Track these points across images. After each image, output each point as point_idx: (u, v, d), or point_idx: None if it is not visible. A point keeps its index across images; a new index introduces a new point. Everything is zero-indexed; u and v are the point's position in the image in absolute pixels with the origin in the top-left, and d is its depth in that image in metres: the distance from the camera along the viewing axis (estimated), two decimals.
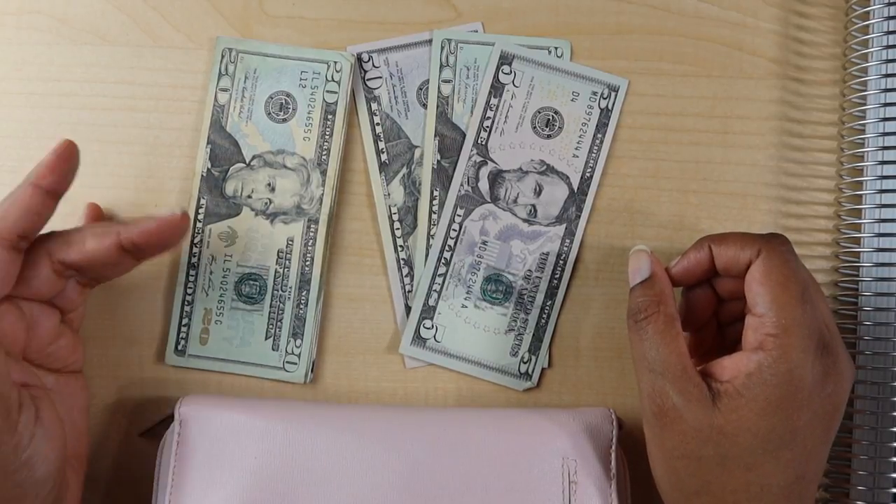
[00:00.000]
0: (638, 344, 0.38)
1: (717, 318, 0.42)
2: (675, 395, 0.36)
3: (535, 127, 0.46)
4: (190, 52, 0.46)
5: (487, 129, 0.46)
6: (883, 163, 0.44)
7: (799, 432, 0.35)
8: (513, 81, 0.46)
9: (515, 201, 0.45)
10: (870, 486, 0.42)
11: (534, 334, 0.45)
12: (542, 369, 0.45)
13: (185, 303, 0.45)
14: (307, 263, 0.45)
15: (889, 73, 0.43)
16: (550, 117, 0.46)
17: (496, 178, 0.46)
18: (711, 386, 0.36)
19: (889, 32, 0.44)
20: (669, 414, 0.36)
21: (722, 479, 0.36)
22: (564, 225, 0.45)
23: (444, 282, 0.45)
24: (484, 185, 0.45)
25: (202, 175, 0.45)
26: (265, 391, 0.45)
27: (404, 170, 0.46)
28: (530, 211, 0.45)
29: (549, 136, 0.46)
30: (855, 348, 0.43)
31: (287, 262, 0.45)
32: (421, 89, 0.46)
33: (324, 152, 0.45)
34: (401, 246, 0.45)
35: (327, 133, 0.45)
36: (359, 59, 0.46)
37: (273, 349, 0.45)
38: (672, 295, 0.39)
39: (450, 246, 0.45)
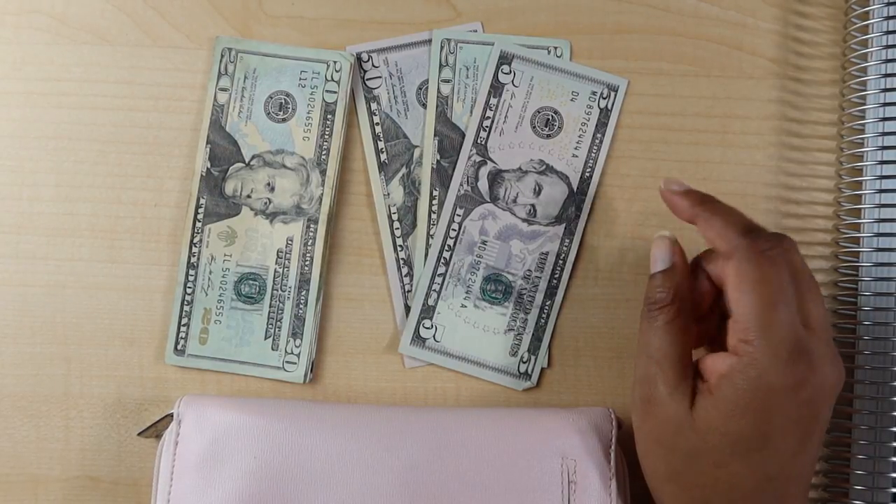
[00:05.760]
0: (646, 330, 0.38)
1: (719, 309, 0.42)
2: (661, 384, 0.37)
3: (534, 127, 0.46)
4: (189, 51, 0.46)
5: (487, 129, 0.46)
6: (882, 163, 0.44)
7: (771, 437, 0.35)
8: (512, 81, 0.46)
9: (515, 201, 0.45)
10: (869, 486, 0.42)
11: (533, 334, 0.45)
12: (542, 369, 0.45)
13: (185, 302, 0.45)
14: (307, 263, 0.45)
15: (888, 73, 0.43)
16: (550, 117, 0.46)
17: (496, 177, 0.46)
18: (698, 383, 0.37)
19: (888, 32, 0.44)
20: (652, 401, 0.37)
21: (691, 471, 0.37)
22: (564, 225, 0.45)
23: (443, 281, 0.45)
24: (483, 185, 0.45)
25: (202, 175, 0.45)
26: (264, 391, 0.45)
27: (404, 169, 0.46)
28: (530, 211, 0.45)
29: (548, 136, 0.46)
30: (854, 348, 0.43)
31: (286, 261, 0.45)
32: (420, 89, 0.46)
33: (323, 152, 0.45)
34: (400, 246, 0.45)
35: (327, 133, 0.45)
36: (358, 58, 0.46)
37: (272, 349, 0.45)
38: (689, 287, 0.39)
39: (449, 246, 0.45)
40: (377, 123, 0.46)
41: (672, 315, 0.38)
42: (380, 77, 0.46)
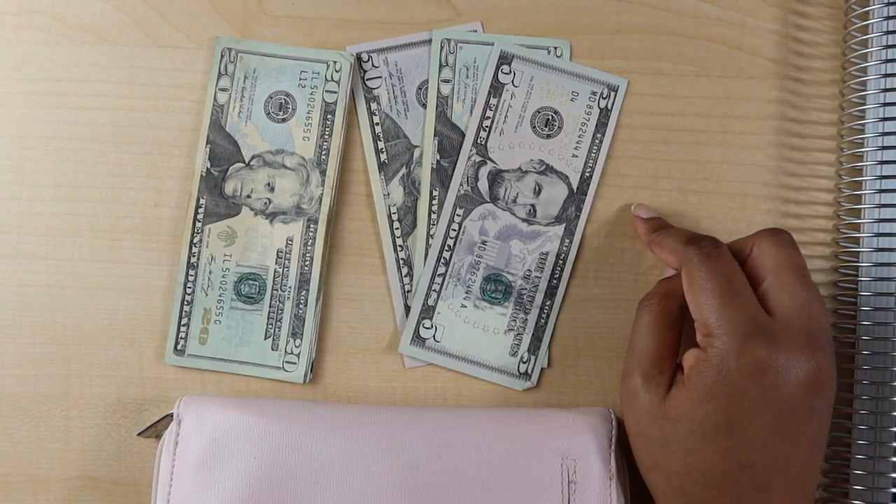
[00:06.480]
0: (634, 326, 0.41)
1: None
2: (637, 376, 0.39)
3: (534, 127, 0.46)
4: (189, 51, 0.46)
5: (487, 129, 0.46)
6: (882, 163, 0.44)
7: (737, 422, 0.37)
8: (512, 81, 0.46)
9: (515, 201, 0.45)
10: (869, 486, 0.42)
11: (533, 334, 0.45)
12: (542, 369, 0.45)
13: (185, 302, 0.45)
14: (306, 263, 0.45)
15: (888, 73, 0.43)
16: (550, 117, 0.46)
17: (496, 177, 0.46)
18: (678, 377, 0.39)
19: (888, 32, 0.44)
20: (630, 393, 0.40)
21: (667, 460, 0.38)
22: (564, 225, 0.45)
23: (443, 282, 0.45)
24: (483, 185, 0.45)
25: (201, 175, 0.45)
26: (264, 391, 0.45)
27: (404, 169, 0.46)
28: (529, 211, 0.45)
29: (548, 136, 0.46)
30: (854, 348, 0.43)
31: (286, 261, 0.45)
32: (420, 89, 0.46)
33: (323, 152, 0.45)
34: (400, 246, 0.46)
35: (327, 133, 0.45)
36: (358, 58, 0.46)
37: (272, 349, 0.45)
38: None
39: (449, 246, 0.45)
40: (377, 123, 0.46)
41: (656, 314, 0.40)
42: (380, 77, 0.46)
